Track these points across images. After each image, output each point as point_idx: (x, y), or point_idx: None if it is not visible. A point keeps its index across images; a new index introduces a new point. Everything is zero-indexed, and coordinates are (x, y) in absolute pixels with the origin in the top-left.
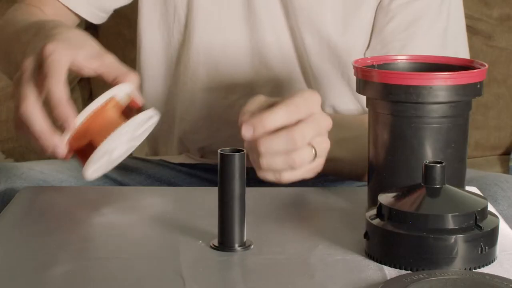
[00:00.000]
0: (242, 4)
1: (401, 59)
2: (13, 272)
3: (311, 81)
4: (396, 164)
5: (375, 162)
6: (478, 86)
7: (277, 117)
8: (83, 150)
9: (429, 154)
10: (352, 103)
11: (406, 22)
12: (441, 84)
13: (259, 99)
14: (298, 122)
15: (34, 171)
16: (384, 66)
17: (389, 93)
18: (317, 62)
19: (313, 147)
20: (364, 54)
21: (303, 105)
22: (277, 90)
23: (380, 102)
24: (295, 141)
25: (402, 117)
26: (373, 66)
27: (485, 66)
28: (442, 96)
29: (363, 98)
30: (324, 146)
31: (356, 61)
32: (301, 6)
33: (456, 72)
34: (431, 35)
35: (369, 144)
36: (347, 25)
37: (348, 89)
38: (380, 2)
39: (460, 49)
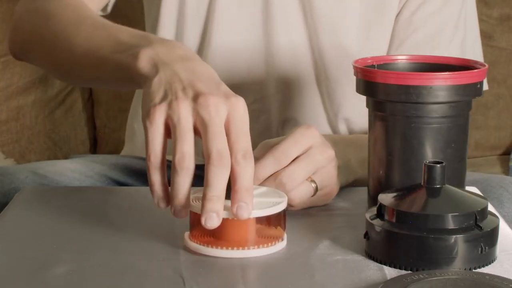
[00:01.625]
0: (261, 8)
1: (401, 59)
2: (13, 272)
3: (324, 91)
4: (396, 164)
5: (375, 162)
6: (478, 86)
7: (266, 168)
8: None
9: (429, 154)
10: (366, 115)
11: (429, 35)
12: (441, 84)
13: (266, 144)
14: (292, 162)
15: (38, 175)
16: (384, 66)
17: (389, 93)
18: (333, 71)
19: (313, 181)
20: None
21: (298, 143)
22: (288, 97)
23: (380, 102)
24: (283, 185)
25: (402, 117)
26: (373, 66)
27: (485, 66)
28: (442, 96)
29: None
30: (325, 177)
31: (356, 61)
32: (322, 12)
33: (456, 72)
34: (452, 47)
35: (369, 144)
36: (367, 35)
37: (361, 100)
38: (399, 14)
39: (477, 56)
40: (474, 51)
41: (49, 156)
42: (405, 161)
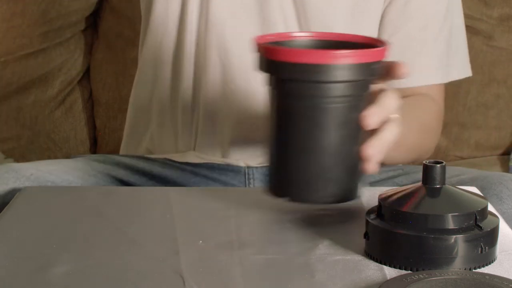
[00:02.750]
0: (256, 4)
1: (305, 36)
2: (13, 272)
3: None
4: (294, 145)
5: (273, 144)
6: (373, 66)
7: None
8: None
9: (325, 134)
10: None
11: (423, 24)
12: (331, 63)
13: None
14: None
15: (42, 172)
16: (287, 43)
17: (286, 71)
18: None
19: None
20: None
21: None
22: None
23: (279, 80)
24: None
25: (300, 96)
26: (276, 43)
27: (384, 45)
28: (336, 75)
29: None
30: None
31: (257, 38)
32: (311, 3)
33: (350, 51)
34: (442, 35)
35: (270, 123)
36: (354, 26)
37: None
38: (390, 4)
39: (460, 43)
40: (458, 39)
41: (49, 156)
42: (303, 142)
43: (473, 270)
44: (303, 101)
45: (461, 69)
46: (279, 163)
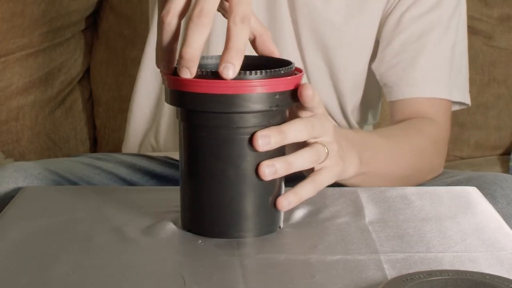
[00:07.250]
0: (265, 7)
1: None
2: (13, 272)
3: (307, 77)
4: (198, 179)
5: (186, 178)
6: (277, 96)
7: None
8: None
9: (228, 167)
10: (336, 107)
11: (418, 34)
12: (231, 93)
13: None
14: None
15: (50, 172)
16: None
17: (196, 102)
18: (311, 58)
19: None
20: (370, 64)
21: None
22: None
23: (188, 112)
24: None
25: (194, 125)
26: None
27: (292, 74)
28: (236, 105)
29: (346, 104)
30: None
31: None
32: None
33: (244, 81)
34: (441, 48)
35: (180, 157)
36: (344, 28)
37: (333, 92)
38: (389, 15)
39: (463, 68)
40: (461, 62)
41: (49, 156)
42: (210, 175)
43: (473, 271)
44: (207, 132)
45: (464, 94)
46: (190, 197)
